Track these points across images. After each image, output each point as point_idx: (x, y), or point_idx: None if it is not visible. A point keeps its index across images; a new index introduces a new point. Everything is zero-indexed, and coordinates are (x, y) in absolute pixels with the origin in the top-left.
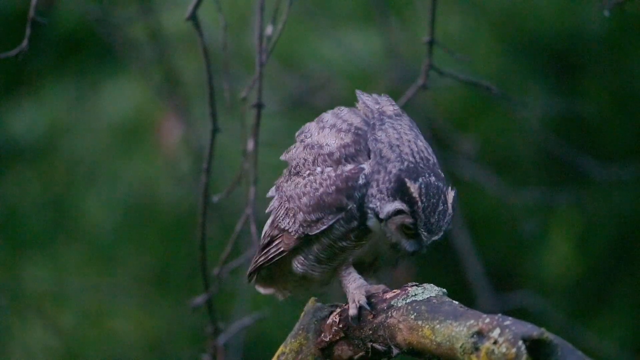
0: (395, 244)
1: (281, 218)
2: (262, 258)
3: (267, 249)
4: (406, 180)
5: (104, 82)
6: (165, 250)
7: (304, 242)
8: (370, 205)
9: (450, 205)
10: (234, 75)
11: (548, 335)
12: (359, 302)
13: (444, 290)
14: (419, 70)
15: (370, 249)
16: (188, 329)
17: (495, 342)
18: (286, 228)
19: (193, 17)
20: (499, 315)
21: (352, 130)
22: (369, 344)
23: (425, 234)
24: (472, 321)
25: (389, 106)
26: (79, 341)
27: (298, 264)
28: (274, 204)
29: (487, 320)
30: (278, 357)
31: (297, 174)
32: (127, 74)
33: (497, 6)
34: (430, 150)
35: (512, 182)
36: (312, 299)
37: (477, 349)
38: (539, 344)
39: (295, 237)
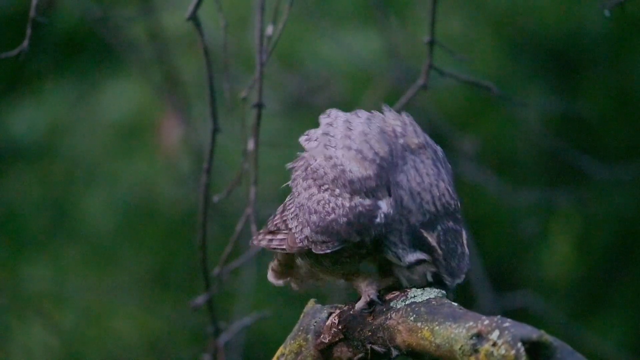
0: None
1: (291, 216)
2: (264, 242)
3: (272, 237)
4: (422, 231)
5: (104, 82)
6: (165, 250)
7: (308, 250)
8: (393, 250)
9: (466, 246)
10: (234, 75)
11: (547, 338)
12: (369, 296)
13: (444, 291)
14: (419, 70)
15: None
16: (188, 329)
17: (494, 344)
18: (293, 230)
19: (193, 17)
20: (498, 317)
21: (377, 162)
22: (368, 346)
23: (449, 279)
24: (471, 323)
25: (413, 138)
26: (79, 341)
27: (301, 260)
28: (291, 182)
29: (486, 322)
30: (277, 358)
31: (314, 180)
32: (127, 74)
33: (497, 6)
34: (451, 188)
35: (512, 182)
36: (312, 300)
37: (476, 350)
38: (538, 346)
39: (299, 244)
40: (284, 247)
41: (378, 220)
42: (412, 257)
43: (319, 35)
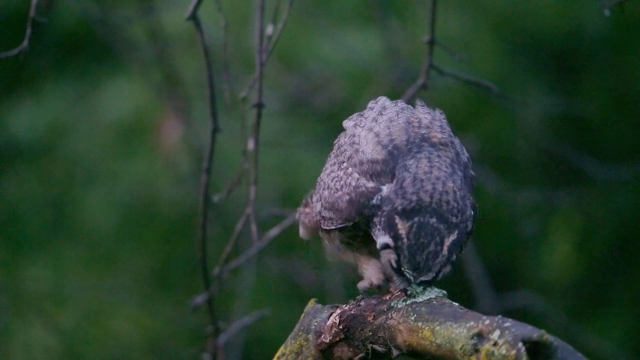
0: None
1: (315, 190)
2: (302, 216)
3: (302, 210)
4: (396, 217)
5: (104, 82)
6: (165, 250)
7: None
8: (373, 229)
9: (445, 248)
10: (234, 75)
11: (548, 337)
12: (374, 281)
13: (444, 291)
14: (419, 70)
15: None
16: (188, 329)
17: (495, 344)
18: (313, 204)
19: (193, 17)
20: (499, 316)
21: (389, 149)
22: (369, 346)
23: (410, 271)
24: (472, 323)
25: (437, 133)
26: (79, 341)
27: (321, 233)
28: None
29: (487, 321)
30: (278, 358)
31: (337, 157)
32: (127, 74)
33: (497, 6)
34: (460, 193)
35: (512, 182)
36: (312, 300)
37: (477, 350)
38: (539, 345)
39: (315, 218)
40: (307, 220)
41: (374, 201)
42: (382, 239)
43: (319, 35)
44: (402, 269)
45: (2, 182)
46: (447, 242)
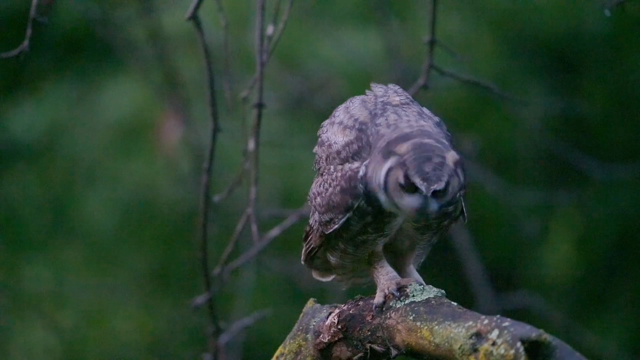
0: (416, 219)
1: (310, 215)
2: (304, 249)
3: (306, 242)
4: (390, 145)
5: (104, 82)
6: (165, 250)
7: (326, 239)
8: (372, 186)
9: (449, 160)
10: (235, 75)
11: (546, 337)
12: (388, 289)
13: (443, 291)
14: (420, 70)
15: (398, 237)
16: (188, 329)
17: (493, 344)
18: (312, 225)
19: (194, 17)
20: (498, 316)
21: (357, 127)
22: (368, 345)
23: (421, 182)
24: (470, 322)
25: (394, 96)
26: (79, 341)
27: (331, 257)
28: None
29: (486, 321)
30: (277, 358)
31: (318, 170)
32: (127, 74)
33: (497, 6)
34: (436, 130)
35: (512, 182)
36: (311, 299)
37: (475, 350)
38: (538, 345)
39: (318, 235)
40: (312, 245)
41: (361, 173)
42: (383, 169)
43: (319, 35)
44: (412, 181)
45: (2, 182)
46: (449, 156)
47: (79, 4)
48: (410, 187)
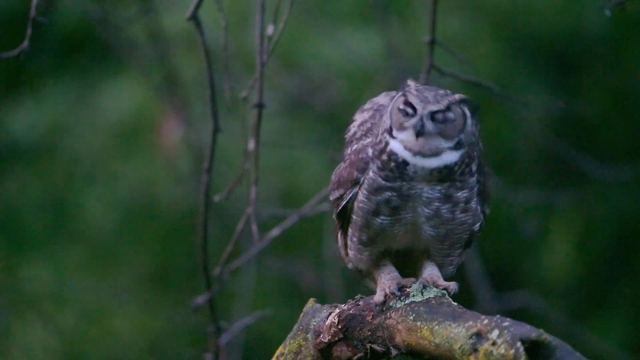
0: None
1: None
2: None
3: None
4: (406, 82)
5: (104, 82)
6: (165, 250)
7: (344, 222)
8: (385, 139)
9: (457, 95)
10: (235, 75)
11: (546, 337)
12: (388, 288)
13: (443, 291)
14: (420, 70)
15: (411, 233)
16: (188, 329)
17: (493, 344)
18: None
19: (194, 17)
20: (498, 316)
21: (374, 108)
22: (368, 345)
23: (417, 101)
24: (470, 322)
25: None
26: (79, 341)
27: (349, 250)
28: None
29: (486, 321)
30: (277, 357)
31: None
32: (127, 74)
33: (497, 6)
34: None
35: (512, 182)
36: (311, 299)
37: (475, 350)
38: (538, 345)
39: (334, 215)
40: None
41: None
42: (390, 107)
43: (319, 35)
44: (410, 101)
45: (2, 182)
46: (457, 95)
47: (79, 4)
48: (411, 112)
